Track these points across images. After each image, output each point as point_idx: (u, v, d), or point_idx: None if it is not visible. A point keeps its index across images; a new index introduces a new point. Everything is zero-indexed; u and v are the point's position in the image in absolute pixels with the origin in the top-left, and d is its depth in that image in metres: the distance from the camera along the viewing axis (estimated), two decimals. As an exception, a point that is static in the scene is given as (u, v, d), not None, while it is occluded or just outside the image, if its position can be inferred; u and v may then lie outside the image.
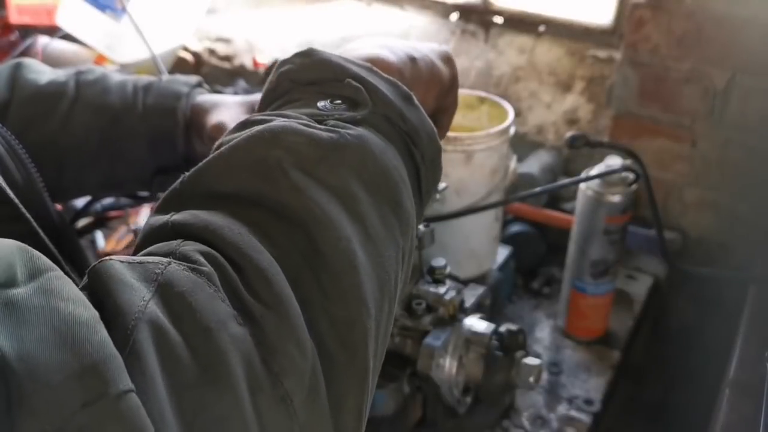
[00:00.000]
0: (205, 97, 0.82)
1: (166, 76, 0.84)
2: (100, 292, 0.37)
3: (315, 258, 0.42)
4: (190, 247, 0.40)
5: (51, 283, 0.34)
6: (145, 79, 0.83)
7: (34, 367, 0.30)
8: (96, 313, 0.34)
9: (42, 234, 0.60)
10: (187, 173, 0.46)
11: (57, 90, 0.80)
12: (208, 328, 0.36)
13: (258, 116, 0.50)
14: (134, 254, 0.42)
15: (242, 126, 0.49)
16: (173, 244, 0.41)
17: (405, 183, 0.51)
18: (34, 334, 0.31)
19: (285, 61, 0.54)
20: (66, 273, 0.61)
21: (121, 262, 0.38)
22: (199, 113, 0.80)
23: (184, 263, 0.39)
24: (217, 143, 0.49)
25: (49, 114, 0.79)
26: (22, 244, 0.36)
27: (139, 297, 0.36)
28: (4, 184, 0.59)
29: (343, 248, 0.43)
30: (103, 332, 0.33)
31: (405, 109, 0.52)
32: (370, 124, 0.50)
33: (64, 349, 0.31)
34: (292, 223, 0.43)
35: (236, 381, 0.36)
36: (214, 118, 0.77)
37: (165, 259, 0.39)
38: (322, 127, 0.48)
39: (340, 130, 0.48)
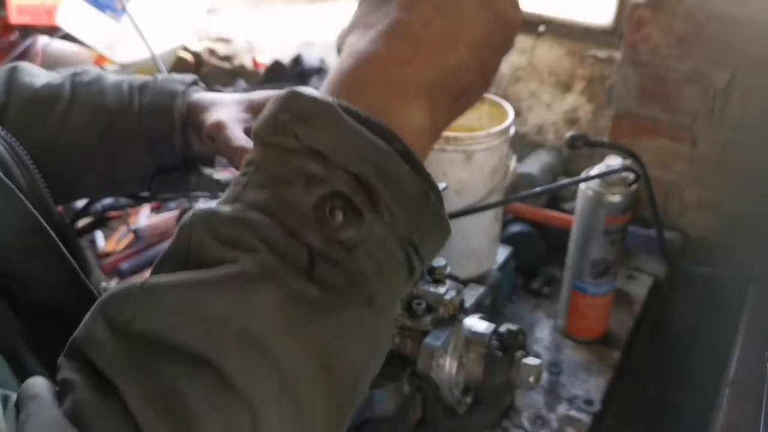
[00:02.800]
0: (201, 95, 0.81)
1: (162, 75, 0.84)
2: None
3: None
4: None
5: None
6: (140, 78, 0.82)
7: None
8: None
9: (61, 246, 0.61)
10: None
11: (53, 93, 0.79)
12: None
13: (232, 223, 0.40)
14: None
15: (209, 229, 0.40)
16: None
17: (381, 353, 0.43)
18: None
19: (284, 106, 0.41)
20: (75, 274, 0.60)
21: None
22: (195, 111, 0.79)
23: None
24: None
25: (45, 117, 0.78)
26: None
27: None
28: (22, 196, 0.58)
29: None
30: None
31: (418, 217, 0.41)
32: (363, 255, 0.40)
33: None
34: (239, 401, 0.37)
35: None
36: (212, 116, 0.76)
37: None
38: (305, 281, 0.38)
39: (328, 282, 0.39)
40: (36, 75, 0.82)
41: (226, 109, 0.77)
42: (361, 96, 0.43)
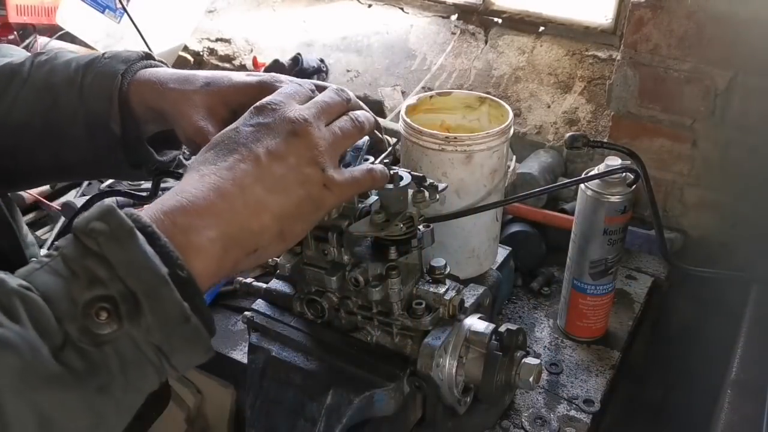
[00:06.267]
0: (152, 73, 0.77)
1: (111, 52, 0.80)
2: None
3: None
4: None
5: None
6: (89, 56, 0.81)
7: None
8: None
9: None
10: None
11: (12, 72, 0.80)
12: None
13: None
14: None
15: None
16: None
17: (106, 430, 0.51)
18: None
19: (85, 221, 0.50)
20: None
21: None
22: (146, 92, 0.76)
23: None
24: None
25: (1, 96, 0.79)
26: None
27: None
28: None
29: None
30: None
31: (173, 334, 0.50)
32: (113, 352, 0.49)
33: None
34: None
35: None
36: (187, 116, 0.74)
37: None
38: (51, 359, 0.46)
39: (70, 365, 0.47)
40: (6, 56, 0.83)
41: (200, 109, 0.75)
42: (172, 229, 0.53)
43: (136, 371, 0.50)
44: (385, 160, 0.82)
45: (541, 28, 1.70)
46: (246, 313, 0.97)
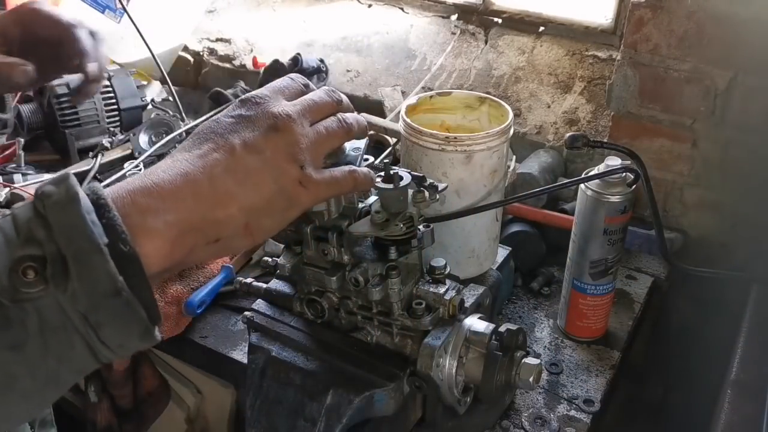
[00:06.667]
0: None
1: None
2: None
3: None
4: None
5: None
6: None
7: None
8: None
9: None
10: None
11: None
12: None
13: None
14: None
15: None
16: None
17: (17, 392, 0.51)
18: None
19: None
20: None
21: None
22: None
23: None
24: None
25: None
26: None
27: None
28: None
29: None
30: None
31: (100, 306, 0.50)
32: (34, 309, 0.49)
33: None
34: None
35: None
36: None
37: None
38: None
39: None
40: None
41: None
42: (130, 207, 0.53)
43: (59, 336, 0.50)
44: (385, 160, 0.82)
45: (541, 28, 1.70)
46: (246, 313, 0.97)
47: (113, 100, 1.62)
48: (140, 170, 1.58)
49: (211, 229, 0.58)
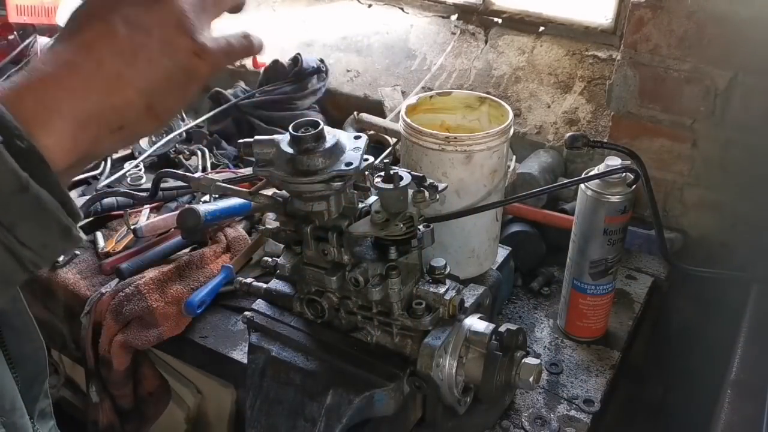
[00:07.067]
0: None
1: None
2: None
3: None
4: None
5: None
6: None
7: None
8: None
9: None
10: None
11: None
12: None
13: None
14: None
15: None
16: None
17: None
18: None
19: None
20: None
21: None
22: None
23: None
24: None
25: None
26: None
27: None
28: None
29: None
30: None
31: (7, 204, 0.49)
32: None
33: None
34: None
35: None
36: None
37: None
38: None
39: None
40: None
41: None
42: (17, 104, 0.51)
43: None
44: (385, 160, 0.82)
45: (541, 28, 1.70)
46: (246, 313, 0.97)
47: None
48: (140, 170, 1.58)
49: (111, 116, 0.55)
